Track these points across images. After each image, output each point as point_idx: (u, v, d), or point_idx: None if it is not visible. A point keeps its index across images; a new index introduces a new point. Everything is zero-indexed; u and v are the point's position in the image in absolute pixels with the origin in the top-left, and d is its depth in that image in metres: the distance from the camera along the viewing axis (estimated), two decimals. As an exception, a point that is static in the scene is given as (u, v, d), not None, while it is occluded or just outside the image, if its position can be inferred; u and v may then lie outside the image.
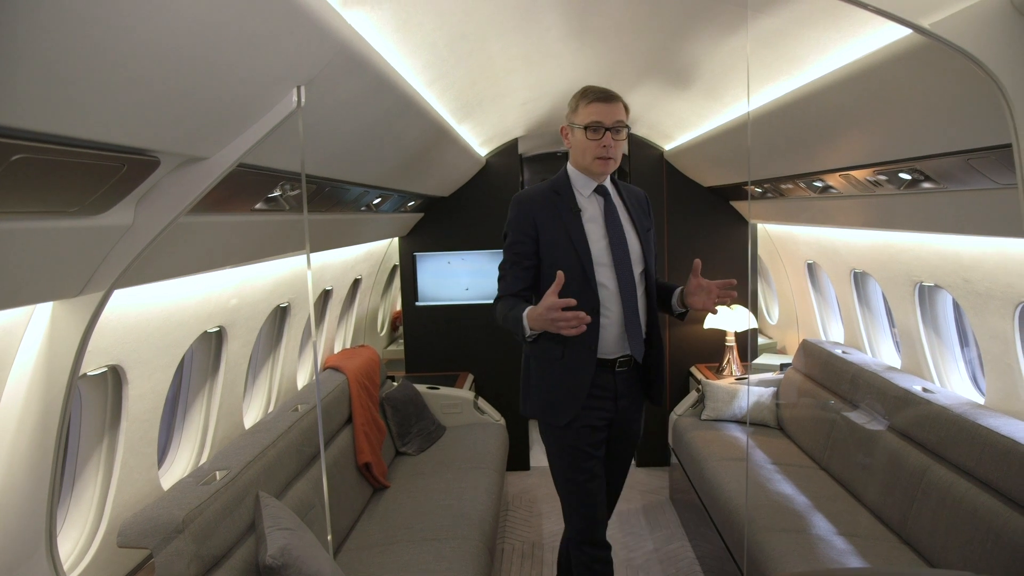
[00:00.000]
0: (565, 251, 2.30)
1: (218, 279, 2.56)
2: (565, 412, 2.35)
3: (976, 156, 1.96)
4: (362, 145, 2.35)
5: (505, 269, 2.37)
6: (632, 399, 2.47)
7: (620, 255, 2.33)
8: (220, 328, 2.71)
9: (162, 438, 2.64)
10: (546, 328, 2.09)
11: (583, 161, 2.34)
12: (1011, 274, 2.57)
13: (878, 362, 3.73)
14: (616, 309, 2.33)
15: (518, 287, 2.33)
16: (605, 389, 2.38)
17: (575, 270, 2.26)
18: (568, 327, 2.01)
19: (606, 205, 2.38)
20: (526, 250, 2.33)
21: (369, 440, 3.67)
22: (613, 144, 2.29)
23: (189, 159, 1.42)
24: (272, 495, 2.56)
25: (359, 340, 5.10)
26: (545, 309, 2.03)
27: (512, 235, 2.35)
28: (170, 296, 2.27)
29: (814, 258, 4.45)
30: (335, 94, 1.73)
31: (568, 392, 2.34)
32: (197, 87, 1.23)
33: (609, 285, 2.32)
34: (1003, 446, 2.49)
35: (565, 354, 2.32)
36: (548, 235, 2.31)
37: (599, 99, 2.27)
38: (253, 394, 3.37)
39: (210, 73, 1.23)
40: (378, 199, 3.27)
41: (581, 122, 2.29)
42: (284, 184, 2.04)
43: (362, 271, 4.76)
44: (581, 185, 2.37)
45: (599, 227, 2.34)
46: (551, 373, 2.36)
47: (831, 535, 2.86)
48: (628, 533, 4.16)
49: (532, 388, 2.44)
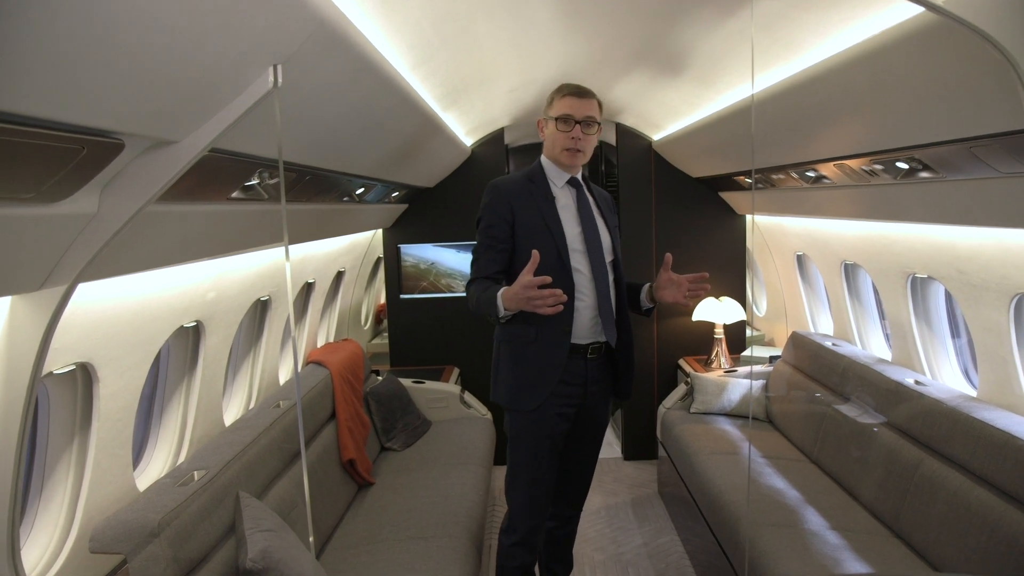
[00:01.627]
0: (541, 236, 2.35)
1: (194, 271, 2.46)
2: (536, 396, 2.38)
3: (979, 144, 1.91)
4: (344, 131, 2.26)
5: (479, 252, 2.41)
6: (601, 387, 2.52)
7: (593, 242, 2.40)
8: (197, 322, 2.61)
9: (138, 437, 2.54)
10: (521, 307, 2.12)
11: (553, 152, 2.44)
12: (1007, 265, 2.52)
13: (868, 354, 3.70)
14: (590, 294, 2.40)
15: (492, 269, 2.37)
16: (575, 375, 2.43)
17: (551, 255, 2.32)
18: (544, 305, 2.05)
19: (578, 196, 2.47)
20: (501, 233, 2.37)
21: (353, 436, 3.58)
22: (582, 137, 2.39)
23: (157, 143, 1.33)
24: (253, 495, 2.47)
25: (343, 334, 5.00)
26: (521, 287, 2.08)
27: (487, 219, 2.40)
28: (143, 289, 2.17)
29: (804, 250, 4.40)
30: (315, 75, 1.63)
31: (539, 375, 2.38)
32: (163, 63, 1.14)
33: (583, 270, 2.39)
34: (998, 439, 2.45)
35: (539, 336, 2.36)
36: (524, 220, 2.37)
37: (573, 94, 2.38)
38: (233, 390, 3.27)
39: (177, 48, 1.14)
40: (361, 189, 3.18)
41: (554, 115, 2.40)
42: (262, 172, 1.95)
43: (345, 263, 4.66)
44: (555, 176, 2.46)
45: (573, 215, 2.43)
46: (523, 356, 2.40)
47: (824, 530, 2.81)
48: (617, 528, 4.11)
49: (502, 372, 2.47)
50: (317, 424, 3.41)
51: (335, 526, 3.08)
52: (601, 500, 4.47)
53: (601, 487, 4.67)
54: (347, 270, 4.76)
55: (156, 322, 2.27)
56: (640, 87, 3.63)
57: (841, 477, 3.28)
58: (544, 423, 2.43)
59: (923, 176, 2.31)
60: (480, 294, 2.29)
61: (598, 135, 2.47)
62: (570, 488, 2.73)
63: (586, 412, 2.53)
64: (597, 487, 4.64)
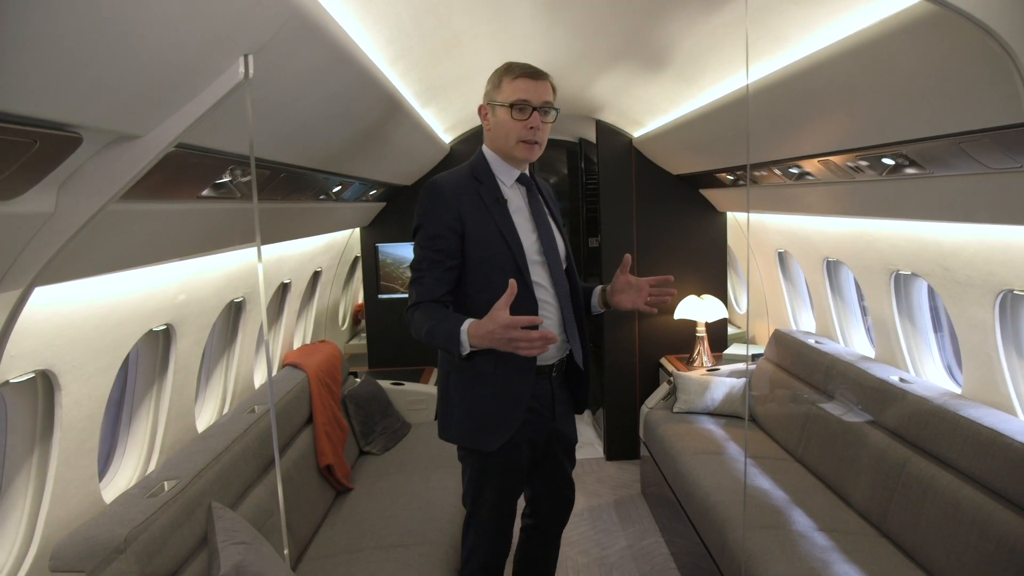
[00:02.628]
0: (496, 247, 2.03)
1: (164, 273, 2.36)
2: (500, 434, 2.07)
3: (968, 139, 1.88)
4: (320, 127, 2.17)
5: (423, 269, 2.02)
6: (567, 404, 2.29)
7: (551, 251, 2.12)
8: (168, 326, 2.51)
9: (104, 446, 2.44)
10: (497, 347, 1.82)
11: (505, 145, 2.08)
12: (992, 262, 2.51)
13: (852, 352, 3.68)
14: (554, 311, 2.13)
15: (440, 291, 2.02)
16: (543, 399, 2.16)
17: (509, 269, 2.02)
18: (530, 348, 1.77)
19: (530, 195, 2.17)
20: (450, 247, 2.02)
21: (331, 441, 3.49)
22: (540, 126, 2.06)
23: (118, 137, 1.24)
24: (227, 505, 2.38)
25: (320, 335, 4.90)
26: (501, 327, 1.76)
27: (431, 228, 2.02)
28: (110, 292, 2.07)
29: (785, 247, 4.39)
30: (288, 67, 1.55)
31: (503, 410, 2.07)
32: (124, 50, 1.06)
33: (544, 283, 2.11)
34: (986, 437, 2.43)
35: (499, 366, 2.03)
36: (475, 229, 2.02)
37: (526, 75, 2.05)
38: (206, 395, 3.17)
39: (140, 34, 1.05)
40: (338, 187, 3.09)
41: (505, 100, 2.04)
42: (234, 169, 1.86)
43: (322, 263, 4.56)
44: (503, 173, 2.13)
45: (526, 220, 2.12)
46: (481, 388, 2.07)
47: (812, 531, 2.78)
48: (600, 530, 4.06)
49: (454, 408, 2.13)
50: (293, 429, 3.32)
51: (312, 535, 2.99)
52: (584, 501, 4.42)
53: (584, 488, 4.63)
54: (324, 270, 4.66)
55: (123, 326, 2.17)
56: (622, 83, 3.58)
57: (827, 476, 3.25)
58: (512, 458, 2.13)
59: (909, 172, 2.29)
60: (432, 325, 1.93)
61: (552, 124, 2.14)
62: (557, 510, 2.46)
63: (554, 434, 2.27)
64: (580, 489, 4.59)
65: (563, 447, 2.37)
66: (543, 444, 2.26)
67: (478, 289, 2.06)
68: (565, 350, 2.21)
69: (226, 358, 3.25)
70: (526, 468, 2.23)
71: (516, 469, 2.18)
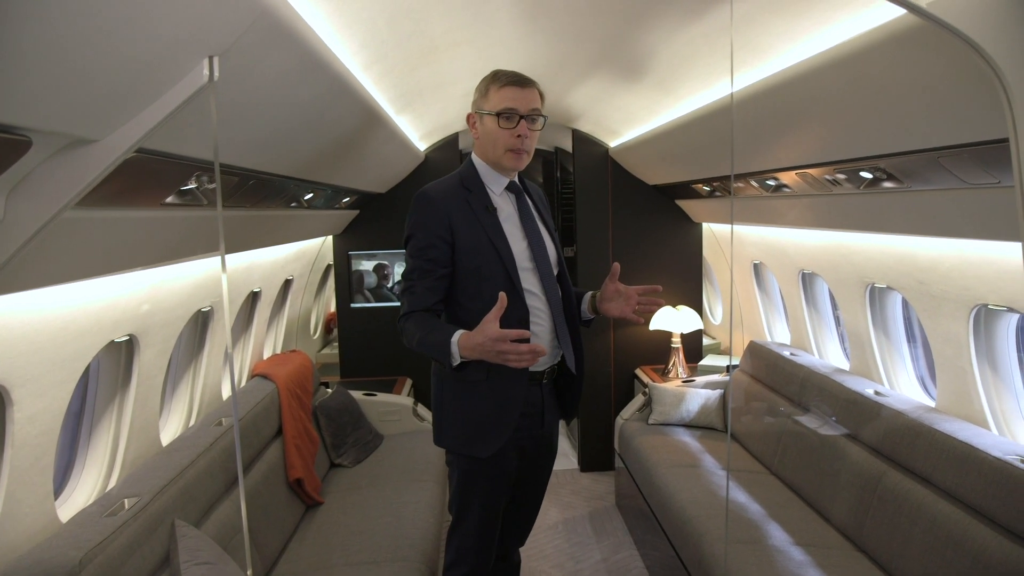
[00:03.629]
0: (487, 256, 2.04)
1: (127, 282, 2.27)
2: (493, 440, 2.08)
3: (947, 154, 1.87)
4: (290, 132, 2.11)
5: (414, 279, 2.04)
6: (555, 412, 2.29)
7: (541, 258, 2.13)
8: (131, 336, 2.42)
9: (62, 461, 2.34)
10: (487, 359, 1.83)
11: (493, 153, 2.10)
12: (968, 276, 2.52)
13: (827, 364, 3.69)
14: (546, 318, 2.14)
15: (432, 300, 2.03)
16: (534, 406, 2.17)
17: (499, 277, 2.03)
18: (519, 360, 1.78)
19: (519, 203, 2.17)
20: (441, 256, 2.03)
21: (301, 453, 3.41)
22: (528, 135, 2.07)
23: (73, 141, 1.18)
24: (191, 523, 2.30)
25: (290, 344, 4.80)
26: (490, 340, 1.78)
27: (422, 238, 2.03)
28: (68, 302, 1.98)
29: (760, 258, 4.40)
30: (257, 69, 1.50)
31: (495, 417, 2.08)
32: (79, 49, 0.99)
33: (535, 291, 2.11)
34: (961, 452, 2.43)
35: (491, 374, 2.04)
36: (465, 238, 2.04)
37: (513, 83, 2.06)
38: (172, 407, 3.07)
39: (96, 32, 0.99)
40: (310, 194, 3.02)
41: (493, 108, 2.05)
42: (200, 175, 1.79)
43: (294, 271, 4.47)
44: (492, 182, 2.14)
45: (516, 227, 2.13)
46: (474, 396, 2.09)
47: (788, 545, 2.76)
48: (574, 543, 4.01)
49: (447, 415, 2.15)
50: (262, 441, 3.23)
51: (281, 551, 2.91)
52: (559, 514, 4.37)
53: (558, 500, 4.58)
54: (295, 278, 4.58)
55: (83, 337, 2.08)
56: (600, 92, 3.56)
57: (802, 490, 3.24)
58: (502, 464, 2.15)
59: (887, 186, 2.28)
60: (424, 335, 1.95)
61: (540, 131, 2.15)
62: (519, 522, 2.45)
63: (542, 442, 2.28)
64: (554, 500, 4.55)
65: (546, 457, 2.37)
66: (532, 451, 2.26)
67: (469, 298, 2.07)
68: (556, 356, 2.21)
69: (193, 369, 3.16)
70: (514, 476, 2.23)
71: (504, 476, 2.18)
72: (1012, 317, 2.57)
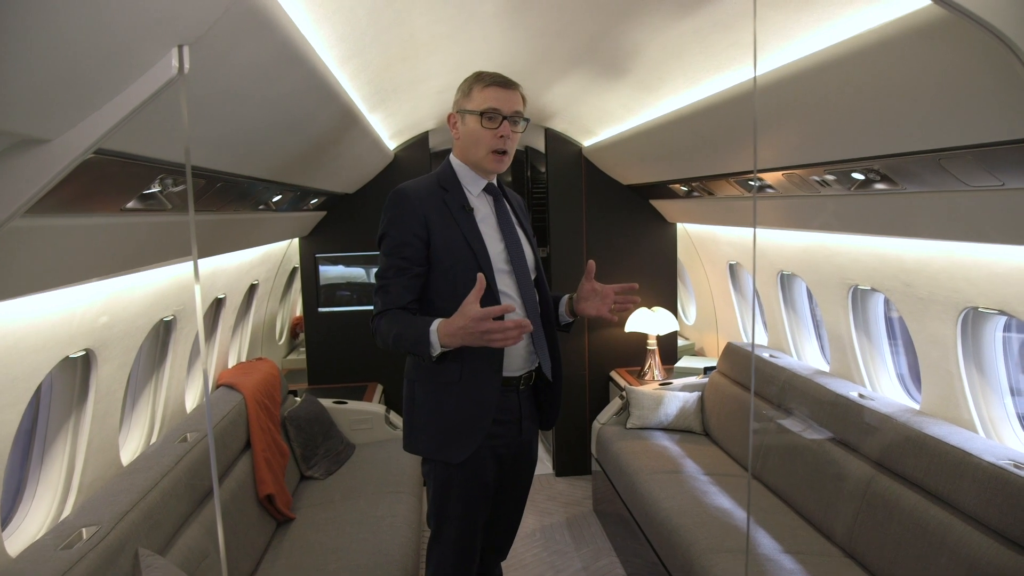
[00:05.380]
0: (462, 256, 2.01)
1: (83, 293, 2.10)
2: (466, 445, 2.04)
3: (948, 155, 1.82)
4: (263, 131, 1.97)
5: (388, 278, 2.00)
6: (533, 420, 2.24)
7: (518, 260, 2.10)
8: (87, 351, 2.24)
9: (11, 488, 2.16)
10: (470, 343, 1.80)
11: (475, 154, 2.07)
12: (957, 279, 2.48)
13: (808, 366, 3.65)
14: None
15: (407, 298, 2.00)
16: (510, 412, 2.12)
17: (474, 278, 1.94)
18: (506, 338, 1.75)
19: (496, 205, 2.15)
20: (416, 255, 2.00)
21: (271, 467, 3.25)
22: (511, 136, 2.05)
23: (20, 141, 1.03)
24: (155, 550, 2.14)
25: (256, 352, 4.62)
26: (472, 320, 1.75)
27: (397, 236, 2.00)
28: (17, 318, 1.81)
29: (737, 259, 4.36)
30: (230, 61, 1.36)
31: (468, 421, 2.04)
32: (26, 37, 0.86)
33: (511, 293, 2.08)
34: (954, 457, 2.39)
35: (464, 375, 2.01)
36: (440, 236, 2.01)
37: (497, 84, 2.03)
38: (132, 423, 2.88)
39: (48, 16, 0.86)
40: (278, 196, 2.87)
41: (476, 108, 2.02)
42: (165, 178, 1.65)
43: (259, 275, 4.29)
44: (470, 182, 2.12)
45: (493, 229, 2.10)
46: (446, 399, 2.04)
47: (777, 553, 2.71)
48: (553, 551, 3.92)
49: (419, 419, 2.10)
50: (230, 457, 3.07)
51: (252, 572, 2.75)
52: (536, 521, 4.27)
53: (535, 506, 4.48)
54: (261, 282, 4.39)
55: (34, 355, 1.91)
56: (577, 91, 3.47)
57: (786, 494, 3.20)
58: (478, 471, 2.09)
59: (879, 187, 2.23)
60: (400, 330, 1.91)
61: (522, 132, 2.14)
62: (498, 536, 2.38)
63: (521, 451, 2.23)
64: (531, 506, 4.44)
65: (526, 467, 2.32)
66: (509, 461, 2.20)
67: (443, 298, 2.02)
68: (533, 362, 2.15)
69: (154, 382, 2.98)
70: (492, 485, 2.17)
71: (481, 484, 2.12)
72: (1000, 320, 2.55)
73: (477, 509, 2.15)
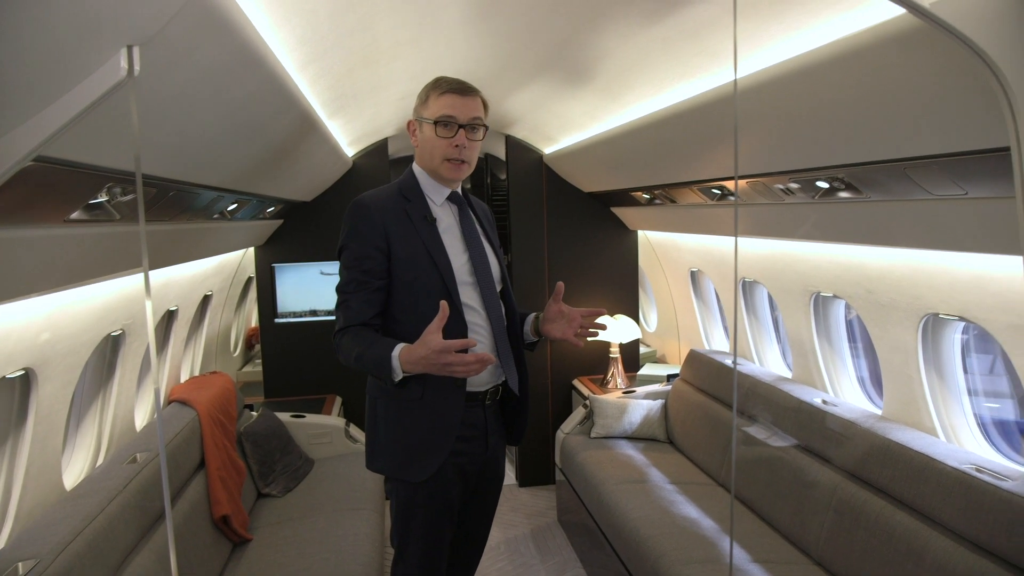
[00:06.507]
0: (424, 268, 1.96)
1: (23, 309, 1.98)
2: (428, 463, 1.97)
3: (913, 165, 1.83)
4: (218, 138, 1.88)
5: (349, 292, 1.95)
6: (500, 436, 2.18)
7: (483, 272, 2.05)
8: (26, 370, 2.11)
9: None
10: (431, 372, 1.77)
11: (431, 162, 2.02)
12: (919, 286, 2.51)
13: (770, 373, 3.68)
14: (486, 334, 2.04)
15: (369, 314, 1.94)
16: (475, 428, 2.06)
17: (437, 291, 1.94)
18: (467, 371, 1.74)
19: (461, 214, 2.10)
20: (376, 268, 1.94)
21: (227, 486, 3.12)
22: (468, 144, 1.99)
23: (-48, 147, 0.94)
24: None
25: (210, 365, 4.46)
26: (434, 352, 1.71)
27: (357, 248, 1.95)
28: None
29: (699, 266, 4.38)
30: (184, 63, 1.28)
31: (431, 439, 1.98)
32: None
33: (475, 306, 2.02)
34: (918, 463, 2.41)
35: (425, 393, 1.95)
36: (402, 249, 1.96)
37: (453, 91, 1.98)
38: (76, 445, 2.73)
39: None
40: (234, 205, 2.76)
41: (431, 116, 1.97)
42: (113, 187, 1.55)
43: (213, 286, 4.15)
44: (432, 191, 2.07)
45: (457, 240, 2.05)
46: (408, 416, 1.98)
47: (747, 563, 2.70)
48: (519, 564, 3.87)
49: (381, 436, 2.04)
50: (183, 477, 2.93)
51: (207, 598, 2.64)
52: (500, 533, 4.21)
53: (499, 518, 4.37)
54: (215, 293, 4.25)
55: (-32, 375, 1.79)
56: (540, 98, 3.44)
57: (752, 502, 3.20)
58: (442, 489, 2.02)
59: (843, 196, 2.25)
60: (362, 351, 1.86)
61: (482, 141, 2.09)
62: (464, 553, 2.31)
63: (487, 467, 2.17)
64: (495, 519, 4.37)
65: (493, 484, 2.25)
66: (475, 478, 2.13)
67: (405, 311, 1.97)
68: (500, 377, 2.09)
69: (101, 400, 2.83)
70: (457, 503, 2.10)
71: (446, 503, 2.05)
72: (959, 326, 2.59)
73: (442, 528, 2.08)
